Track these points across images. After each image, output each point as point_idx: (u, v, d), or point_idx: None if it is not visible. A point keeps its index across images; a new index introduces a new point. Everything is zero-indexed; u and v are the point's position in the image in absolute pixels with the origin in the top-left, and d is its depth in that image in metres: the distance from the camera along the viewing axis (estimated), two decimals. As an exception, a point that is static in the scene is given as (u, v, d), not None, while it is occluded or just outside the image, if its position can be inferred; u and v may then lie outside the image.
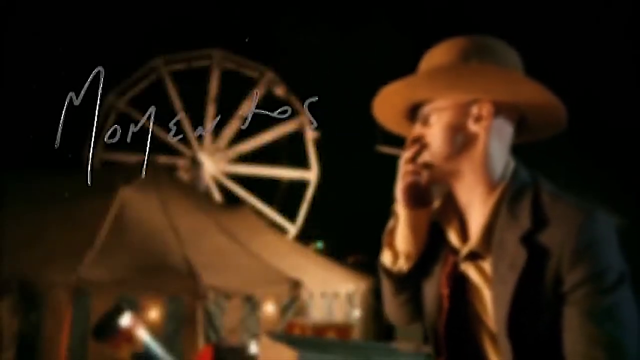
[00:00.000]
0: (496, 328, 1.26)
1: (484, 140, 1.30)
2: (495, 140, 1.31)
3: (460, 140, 1.30)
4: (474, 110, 1.30)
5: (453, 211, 1.39)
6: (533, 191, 1.29)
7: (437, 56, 1.35)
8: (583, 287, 1.18)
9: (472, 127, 1.30)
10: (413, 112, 1.41)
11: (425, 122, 1.35)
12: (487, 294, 1.31)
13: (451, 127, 1.31)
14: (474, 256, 1.33)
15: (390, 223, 1.45)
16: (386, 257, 1.46)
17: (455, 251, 1.37)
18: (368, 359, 3.00)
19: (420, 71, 1.36)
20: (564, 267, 1.19)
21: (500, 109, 1.31)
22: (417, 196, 1.37)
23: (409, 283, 1.47)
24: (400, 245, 1.43)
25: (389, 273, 1.46)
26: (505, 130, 1.33)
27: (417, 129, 1.36)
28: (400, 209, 1.39)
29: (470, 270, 1.35)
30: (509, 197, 1.29)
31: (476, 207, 1.34)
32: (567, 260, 1.19)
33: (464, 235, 1.37)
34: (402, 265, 1.43)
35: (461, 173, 1.32)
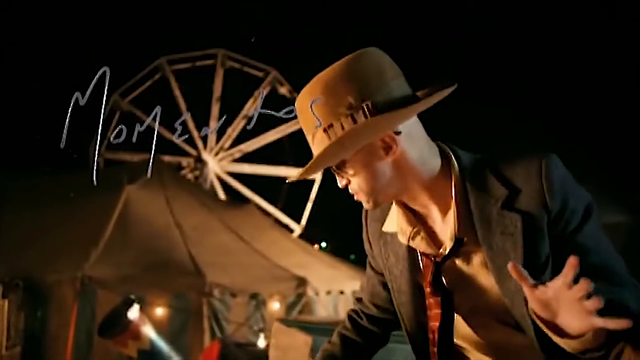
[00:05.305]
0: (506, 299, 1.27)
1: (404, 159, 1.29)
2: (413, 148, 1.30)
3: (384, 171, 1.29)
4: (380, 144, 1.28)
5: (411, 221, 1.39)
6: (485, 163, 1.32)
7: (316, 130, 1.31)
8: (570, 222, 1.24)
9: (388, 158, 1.28)
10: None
11: (344, 174, 1.32)
12: (483, 276, 1.32)
13: (370, 168, 1.29)
14: (456, 248, 1.32)
15: None
16: None
17: (431, 256, 1.36)
18: None
19: (308, 166, 1.32)
20: (547, 213, 1.24)
21: (400, 127, 1.28)
22: None
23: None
24: None
25: None
26: (414, 131, 1.31)
27: (341, 181, 1.35)
28: None
29: (457, 264, 1.35)
30: (468, 177, 1.31)
31: (435, 205, 1.34)
32: (548, 206, 1.24)
33: (435, 237, 1.37)
34: None
35: (403, 189, 1.32)
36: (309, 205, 19.49)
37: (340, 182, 1.35)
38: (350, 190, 1.35)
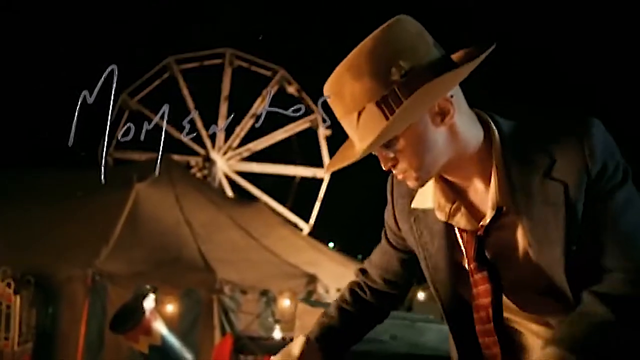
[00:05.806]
0: (546, 269, 1.25)
1: (455, 125, 1.23)
2: (460, 114, 1.24)
3: (436, 140, 1.22)
4: (435, 110, 1.20)
5: (449, 197, 1.34)
6: (525, 130, 1.28)
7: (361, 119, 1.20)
8: (607, 184, 1.22)
9: (442, 125, 1.22)
10: None
11: (392, 151, 1.24)
12: (523, 247, 1.28)
13: (422, 138, 1.21)
14: (497, 218, 1.28)
15: None
16: None
17: (472, 230, 1.32)
18: (412, 322, 2.95)
19: (358, 150, 1.24)
20: (587, 178, 1.21)
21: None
22: None
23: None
24: None
25: None
26: (459, 97, 1.25)
27: (387, 162, 1.26)
28: None
29: (498, 235, 1.30)
30: (509, 145, 1.26)
31: (477, 175, 1.29)
32: (589, 171, 1.20)
33: (474, 211, 1.32)
34: None
35: (454, 158, 1.26)
36: (318, 204, 19.47)
37: (386, 164, 1.27)
38: (395, 171, 1.27)
